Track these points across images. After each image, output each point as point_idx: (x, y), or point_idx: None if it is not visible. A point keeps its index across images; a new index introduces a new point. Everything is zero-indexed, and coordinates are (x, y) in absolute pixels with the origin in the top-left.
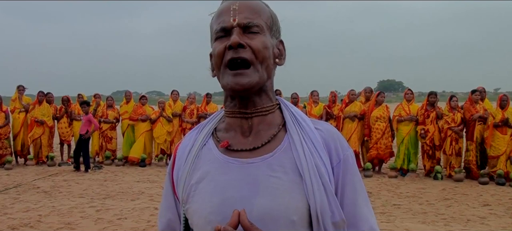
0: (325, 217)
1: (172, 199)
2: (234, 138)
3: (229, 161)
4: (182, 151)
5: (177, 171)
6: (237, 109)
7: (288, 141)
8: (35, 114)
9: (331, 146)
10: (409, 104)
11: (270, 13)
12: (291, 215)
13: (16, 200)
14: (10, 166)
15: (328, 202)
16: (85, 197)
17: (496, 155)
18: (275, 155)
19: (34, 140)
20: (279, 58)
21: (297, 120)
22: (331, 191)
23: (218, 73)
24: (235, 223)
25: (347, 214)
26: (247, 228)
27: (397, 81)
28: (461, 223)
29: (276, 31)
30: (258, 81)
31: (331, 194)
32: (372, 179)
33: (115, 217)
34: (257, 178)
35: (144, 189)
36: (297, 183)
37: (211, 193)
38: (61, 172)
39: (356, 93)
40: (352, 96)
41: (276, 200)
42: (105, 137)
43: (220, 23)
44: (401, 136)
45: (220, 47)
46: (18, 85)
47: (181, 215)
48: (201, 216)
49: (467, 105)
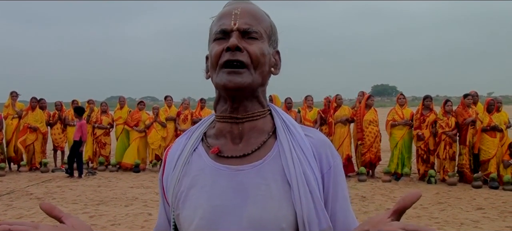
0: (312, 225)
1: (163, 203)
2: (224, 144)
3: (219, 168)
4: (171, 156)
5: (167, 177)
6: (228, 114)
7: (277, 148)
8: (28, 120)
9: (321, 153)
10: (402, 108)
11: (270, 23)
12: (280, 223)
13: (9, 207)
14: (3, 173)
15: (315, 210)
16: (79, 203)
17: (487, 159)
18: (264, 163)
19: (27, 146)
20: (274, 67)
21: (287, 126)
22: (319, 199)
23: (212, 73)
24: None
25: (338, 219)
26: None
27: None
28: (455, 227)
29: (274, 41)
30: (250, 83)
31: (318, 202)
32: (366, 184)
33: (109, 223)
34: (246, 186)
35: (138, 195)
36: (286, 191)
37: (201, 200)
38: (55, 178)
39: (342, 99)
40: (339, 101)
41: (266, 208)
42: (99, 143)
43: (221, 25)
44: (395, 140)
45: (217, 48)
46: (11, 91)
47: (171, 220)
48: (191, 223)
49: (459, 109)
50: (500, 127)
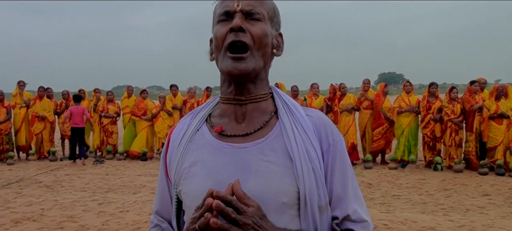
0: (313, 201)
1: (165, 182)
2: (227, 123)
3: (222, 146)
4: (176, 135)
5: (171, 155)
6: (232, 96)
7: (279, 127)
8: (36, 109)
9: (321, 131)
10: (408, 96)
11: (272, 5)
12: (282, 197)
13: (18, 195)
14: (12, 161)
15: (317, 186)
16: (87, 191)
17: (494, 146)
18: (266, 140)
19: (35, 135)
20: (277, 49)
21: (288, 107)
22: (320, 175)
23: (217, 55)
24: (229, 194)
25: (335, 196)
26: (240, 197)
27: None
28: (460, 213)
29: (277, 23)
30: (254, 67)
31: (320, 178)
32: (373, 171)
33: (117, 210)
34: (249, 162)
35: (146, 183)
36: (288, 167)
37: (203, 176)
38: (63, 166)
39: (346, 87)
40: (343, 89)
41: (267, 182)
42: (106, 132)
43: (224, 7)
44: (401, 128)
45: (222, 30)
46: (18, 81)
47: (173, 197)
48: (193, 198)
49: (466, 96)
50: (507, 113)
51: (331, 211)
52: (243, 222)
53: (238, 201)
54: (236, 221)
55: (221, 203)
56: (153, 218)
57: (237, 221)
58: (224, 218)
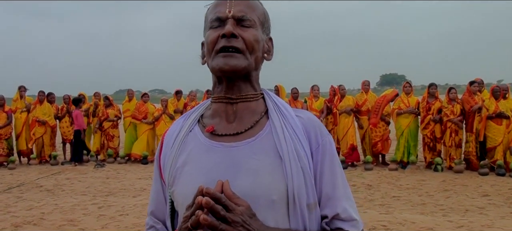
0: (301, 199)
1: (160, 183)
2: (219, 123)
3: (213, 145)
4: (169, 136)
5: (164, 156)
6: (223, 94)
7: (270, 127)
8: (37, 114)
9: (311, 132)
10: (408, 97)
11: (263, 10)
12: (271, 195)
13: (19, 199)
14: (13, 166)
15: (305, 185)
16: (88, 195)
17: (493, 146)
18: (257, 139)
19: (36, 139)
20: (267, 53)
21: (279, 108)
22: (309, 174)
23: (208, 59)
24: (219, 192)
25: (325, 195)
26: (230, 197)
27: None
28: (459, 213)
29: (267, 28)
30: (246, 66)
31: (308, 177)
32: (373, 172)
33: (117, 213)
34: (239, 160)
35: (146, 186)
36: (278, 165)
37: (195, 175)
38: (64, 170)
39: (345, 89)
40: (342, 91)
41: (257, 180)
42: (107, 135)
43: (216, 13)
44: (400, 129)
45: (213, 35)
46: (19, 86)
47: (167, 198)
48: (185, 197)
49: (465, 97)
50: (507, 113)
51: (320, 210)
52: (232, 220)
53: (227, 199)
54: (225, 218)
55: (210, 200)
56: (148, 220)
57: (226, 218)
58: (214, 215)
